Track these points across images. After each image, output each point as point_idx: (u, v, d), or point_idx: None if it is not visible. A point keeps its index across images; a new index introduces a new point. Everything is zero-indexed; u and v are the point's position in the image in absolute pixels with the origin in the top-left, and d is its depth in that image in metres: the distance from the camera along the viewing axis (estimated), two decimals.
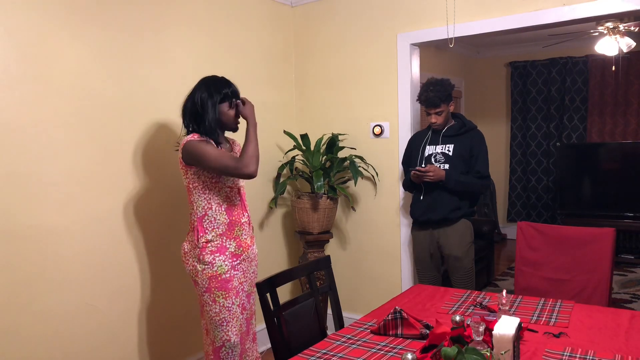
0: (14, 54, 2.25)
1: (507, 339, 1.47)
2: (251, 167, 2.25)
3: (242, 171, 2.24)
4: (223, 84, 2.39)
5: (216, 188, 2.34)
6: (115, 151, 2.66)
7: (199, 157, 2.24)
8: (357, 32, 3.52)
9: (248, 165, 2.25)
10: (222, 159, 2.24)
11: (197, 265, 2.32)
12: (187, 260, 2.36)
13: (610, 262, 2.55)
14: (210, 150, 2.24)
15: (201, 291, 2.34)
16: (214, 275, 2.30)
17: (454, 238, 2.98)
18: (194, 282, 2.36)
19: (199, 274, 2.32)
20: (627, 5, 2.60)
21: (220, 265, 2.31)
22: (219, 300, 2.31)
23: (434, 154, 3.05)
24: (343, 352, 1.78)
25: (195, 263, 2.32)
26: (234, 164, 2.23)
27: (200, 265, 2.31)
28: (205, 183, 2.32)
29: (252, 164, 2.26)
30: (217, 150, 2.27)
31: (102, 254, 2.61)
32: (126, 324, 2.73)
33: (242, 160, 2.25)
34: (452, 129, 3.05)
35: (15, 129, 2.26)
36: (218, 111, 2.34)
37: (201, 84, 2.39)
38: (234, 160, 2.25)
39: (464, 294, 2.33)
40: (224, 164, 2.23)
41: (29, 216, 2.32)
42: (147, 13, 2.78)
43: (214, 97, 2.33)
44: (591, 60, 5.92)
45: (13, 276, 2.27)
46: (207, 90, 2.34)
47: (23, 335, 2.30)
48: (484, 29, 3.02)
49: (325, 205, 3.35)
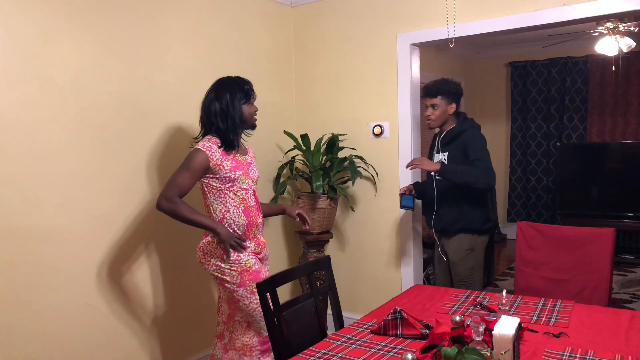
0: (14, 54, 2.25)
1: (507, 339, 1.47)
2: (162, 205, 2.33)
3: (158, 200, 2.34)
4: (242, 82, 2.47)
5: (231, 191, 2.41)
6: (115, 151, 2.66)
7: (181, 165, 2.36)
8: (357, 32, 3.52)
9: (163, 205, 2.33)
10: (173, 181, 2.34)
11: (221, 265, 2.37)
12: (208, 261, 2.40)
13: (610, 262, 2.55)
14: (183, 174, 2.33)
15: (233, 287, 2.38)
16: (245, 269, 2.38)
17: (452, 244, 3.02)
18: (221, 281, 2.40)
19: (226, 272, 2.37)
20: (627, 5, 2.60)
21: (247, 259, 2.39)
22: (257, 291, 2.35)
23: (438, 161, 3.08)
24: (343, 352, 1.78)
25: (219, 262, 2.38)
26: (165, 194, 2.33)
27: (226, 263, 2.37)
28: (219, 187, 2.40)
29: (167, 208, 2.33)
30: (185, 179, 2.33)
31: (102, 254, 2.61)
32: (126, 324, 2.73)
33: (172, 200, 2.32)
34: (447, 135, 3.01)
35: (15, 129, 2.26)
36: (242, 109, 2.43)
37: (220, 85, 2.45)
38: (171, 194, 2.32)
39: (464, 294, 2.33)
40: (167, 184, 2.35)
41: (29, 216, 2.32)
42: (147, 13, 2.78)
43: (238, 95, 2.42)
44: (591, 60, 5.92)
45: (13, 276, 2.27)
46: (229, 91, 2.41)
47: (23, 335, 2.30)
48: (484, 29, 3.01)
49: (325, 206, 3.35)
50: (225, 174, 2.39)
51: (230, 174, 2.40)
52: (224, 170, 2.38)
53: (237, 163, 2.44)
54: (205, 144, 2.37)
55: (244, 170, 2.46)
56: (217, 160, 2.37)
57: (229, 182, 2.40)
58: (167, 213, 2.34)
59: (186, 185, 2.34)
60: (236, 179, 2.42)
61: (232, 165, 2.41)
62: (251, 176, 2.51)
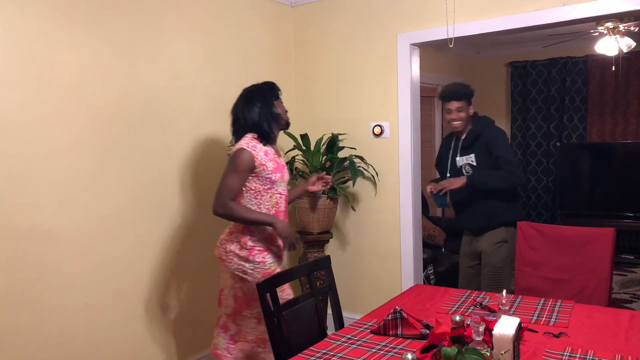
0: (14, 54, 2.25)
1: (507, 339, 1.47)
2: (219, 211, 2.37)
3: (214, 206, 2.38)
4: (268, 87, 2.52)
5: (268, 194, 2.44)
6: (115, 151, 2.66)
7: (227, 167, 2.37)
8: (357, 32, 3.52)
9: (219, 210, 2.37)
10: (224, 186, 2.35)
11: (245, 265, 2.41)
12: (232, 259, 2.43)
13: (610, 262, 2.55)
14: (233, 177, 2.35)
15: (253, 286, 2.37)
16: (267, 272, 2.41)
17: (486, 237, 3.07)
18: (242, 278, 2.44)
19: (248, 272, 2.41)
20: (627, 5, 2.60)
21: (270, 262, 2.45)
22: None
23: (463, 165, 3.12)
24: (343, 352, 1.78)
25: (243, 262, 2.41)
26: (218, 200, 2.36)
27: (250, 264, 2.41)
28: (257, 189, 2.42)
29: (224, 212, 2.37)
30: (234, 181, 2.36)
31: (102, 254, 2.61)
32: (126, 324, 2.73)
33: (226, 205, 2.35)
34: (468, 137, 3.09)
35: (15, 129, 2.26)
36: (274, 113, 2.47)
37: (249, 92, 2.51)
38: (224, 199, 2.35)
39: (464, 294, 2.33)
40: (219, 189, 2.36)
41: (29, 216, 2.32)
42: (146, 14, 2.78)
43: (267, 97, 2.47)
44: (591, 60, 5.91)
45: (13, 276, 2.27)
46: (260, 94, 2.47)
47: (23, 335, 2.30)
48: (484, 29, 3.01)
49: (325, 205, 3.35)
50: (267, 174, 2.41)
51: (272, 175, 2.42)
52: (266, 171, 2.40)
53: (277, 165, 2.47)
54: (249, 143, 2.39)
55: (282, 172, 2.50)
56: (261, 159, 2.39)
57: (268, 183, 2.43)
58: (223, 217, 2.39)
59: (236, 188, 2.38)
60: (276, 181, 2.45)
61: (274, 167, 2.44)
62: (285, 179, 2.55)
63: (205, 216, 3.16)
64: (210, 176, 3.18)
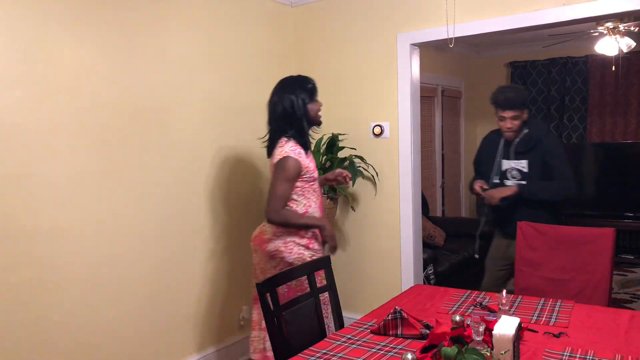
0: (14, 54, 2.25)
1: (507, 339, 1.46)
2: (274, 219, 2.49)
3: (269, 215, 2.49)
4: (304, 81, 2.60)
5: (311, 189, 2.60)
6: (115, 151, 2.65)
7: (277, 176, 2.47)
8: (357, 32, 3.52)
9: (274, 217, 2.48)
10: (277, 195, 2.46)
11: (305, 253, 2.54)
12: (292, 248, 2.54)
13: (610, 262, 2.55)
14: (284, 185, 2.47)
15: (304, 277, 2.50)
16: None
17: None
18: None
19: (307, 261, 2.49)
20: (627, 5, 2.60)
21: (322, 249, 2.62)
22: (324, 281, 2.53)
23: (509, 169, 3.04)
24: (343, 352, 1.78)
25: (303, 250, 2.54)
26: (272, 208, 2.47)
27: (310, 252, 2.56)
28: (303, 187, 2.55)
29: (279, 220, 2.49)
30: (285, 189, 2.47)
31: (102, 254, 2.61)
32: (126, 324, 2.73)
33: (280, 212, 2.47)
34: (522, 142, 2.99)
35: (15, 129, 2.26)
36: (307, 109, 2.55)
37: (283, 86, 2.58)
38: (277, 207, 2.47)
39: (464, 294, 2.33)
40: (273, 198, 2.47)
41: (29, 217, 2.32)
42: (146, 13, 2.78)
43: (301, 95, 2.54)
44: (591, 60, 5.91)
45: (13, 276, 2.27)
46: (293, 92, 2.53)
47: (23, 335, 2.30)
48: (484, 29, 3.01)
49: (325, 206, 3.35)
50: (311, 174, 2.56)
51: (314, 173, 2.59)
52: (309, 172, 2.55)
53: (313, 163, 2.63)
54: (295, 150, 2.49)
55: (317, 169, 2.66)
56: (305, 163, 2.52)
57: (312, 180, 2.58)
58: (279, 225, 2.51)
59: (288, 194, 2.50)
60: (317, 178, 2.63)
61: (313, 166, 2.60)
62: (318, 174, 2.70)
63: (206, 216, 3.16)
64: (210, 176, 3.18)
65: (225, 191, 3.28)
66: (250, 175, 3.46)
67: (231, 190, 3.32)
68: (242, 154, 3.39)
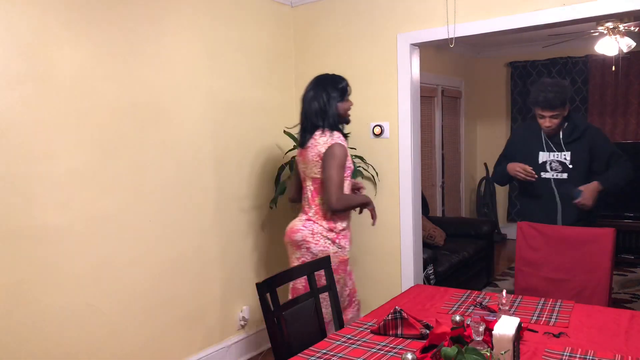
0: (14, 54, 2.25)
1: (507, 339, 1.47)
2: (339, 206, 2.56)
3: (333, 203, 2.54)
4: (337, 81, 2.70)
5: (347, 181, 2.65)
6: (115, 151, 2.66)
7: (331, 164, 2.53)
8: (357, 32, 3.52)
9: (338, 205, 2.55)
10: (336, 184, 2.52)
11: (330, 247, 2.61)
12: (318, 240, 2.60)
13: (610, 262, 2.55)
14: (339, 172, 2.54)
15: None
16: (344, 259, 2.66)
17: None
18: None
19: (331, 255, 2.55)
20: (627, 5, 2.60)
21: (348, 250, 2.69)
22: (341, 282, 2.67)
23: (548, 161, 2.97)
24: (343, 352, 1.78)
25: (329, 245, 2.61)
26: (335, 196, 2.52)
27: (334, 247, 2.62)
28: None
29: (342, 206, 2.58)
30: (340, 175, 2.54)
31: (102, 254, 2.61)
32: (126, 324, 2.73)
33: (342, 199, 2.55)
34: (567, 133, 2.94)
35: (15, 129, 2.26)
36: (337, 107, 2.66)
37: (317, 84, 2.68)
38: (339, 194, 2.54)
39: (464, 294, 2.33)
40: (332, 186, 2.52)
41: (29, 216, 2.32)
42: (147, 13, 2.78)
43: (333, 94, 2.65)
44: (591, 60, 5.92)
45: (13, 276, 2.27)
46: (326, 90, 2.65)
47: (23, 335, 2.30)
48: (484, 29, 3.01)
49: None
50: (349, 164, 2.65)
51: (351, 164, 2.69)
52: (349, 161, 2.64)
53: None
54: (341, 137, 2.63)
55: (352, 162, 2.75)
56: (347, 151, 2.64)
57: (349, 172, 2.66)
58: (342, 211, 2.62)
59: (343, 180, 2.58)
60: (352, 170, 2.71)
61: (350, 157, 2.69)
62: None
63: (206, 215, 3.16)
64: (210, 175, 3.18)
65: (225, 191, 3.28)
66: (250, 175, 3.46)
67: (231, 190, 3.32)
68: (242, 154, 3.39)
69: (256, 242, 3.53)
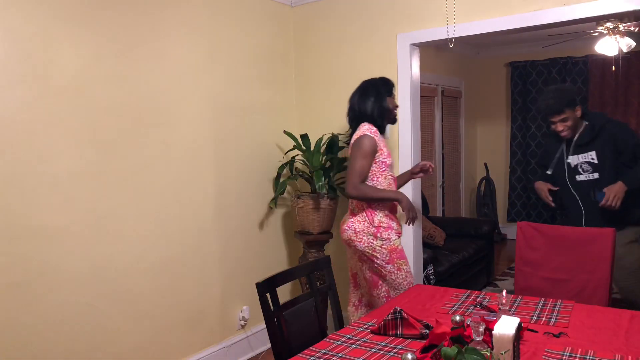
0: (14, 54, 2.25)
1: (507, 339, 1.47)
2: (353, 193, 2.66)
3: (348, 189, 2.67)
4: (383, 82, 2.80)
5: (382, 176, 2.71)
6: (115, 151, 2.66)
7: (354, 154, 2.65)
8: (357, 32, 3.52)
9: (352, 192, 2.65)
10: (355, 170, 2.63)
11: (374, 242, 2.67)
12: (361, 238, 2.68)
13: (610, 262, 2.55)
14: (361, 161, 2.63)
15: (382, 264, 2.68)
16: (393, 248, 2.69)
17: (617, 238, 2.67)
18: (370, 257, 2.68)
19: (377, 249, 2.67)
20: (627, 5, 2.60)
21: (394, 239, 2.71)
22: (403, 267, 2.71)
23: (579, 164, 2.96)
24: (343, 352, 1.78)
25: (372, 240, 2.67)
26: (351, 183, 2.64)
27: (378, 241, 2.66)
28: (374, 171, 2.69)
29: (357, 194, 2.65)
30: (363, 165, 2.64)
31: (102, 254, 2.61)
32: (126, 324, 2.73)
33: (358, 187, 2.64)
34: (583, 135, 2.93)
35: (15, 129, 2.26)
36: (385, 107, 2.74)
37: (367, 84, 2.81)
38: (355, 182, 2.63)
39: (464, 294, 2.33)
40: (351, 174, 2.64)
41: (29, 216, 2.32)
42: (146, 14, 2.78)
43: (382, 91, 2.76)
44: (591, 60, 5.92)
45: (13, 276, 2.27)
46: (375, 88, 2.76)
47: (23, 335, 2.30)
48: (484, 29, 3.01)
49: (325, 206, 3.35)
50: (384, 158, 2.70)
51: (387, 159, 2.72)
52: (383, 155, 2.69)
53: (389, 151, 2.76)
54: (371, 129, 2.68)
55: (391, 158, 2.79)
56: (380, 144, 2.68)
57: (383, 166, 2.71)
58: (357, 199, 2.69)
59: (365, 170, 2.65)
60: (389, 165, 2.74)
61: (387, 152, 2.74)
62: (393, 164, 2.85)
63: (206, 216, 3.16)
64: (211, 176, 3.18)
65: (226, 191, 3.28)
66: (250, 175, 3.46)
67: (231, 191, 3.32)
68: (242, 154, 3.39)
69: (256, 242, 3.53)
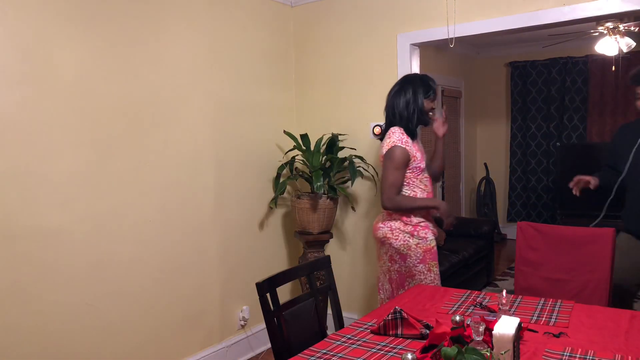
0: (14, 54, 2.25)
1: (507, 339, 1.46)
2: (388, 205, 2.66)
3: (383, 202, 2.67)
4: (425, 79, 2.74)
5: (418, 179, 2.72)
6: (115, 151, 2.66)
7: (387, 165, 2.65)
8: (357, 32, 3.52)
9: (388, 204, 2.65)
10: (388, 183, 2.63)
11: (410, 240, 2.67)
12: (397, 235, 2.68)
13: (610, 262, 2.55)
14: (394, 173, 2.63)
15: (415, 263, 2.67)
16: (428, 248, 2.69)
17: None
18: (403, 255, 2.68)
19: (412, 248, 2.66)
20: (627, 5, 2.60)
21: (431, 239, 2.71)
22: (433, 269, 2.71)
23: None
24: (343, 352, 1.78)
25: (408, 238, 2.67)
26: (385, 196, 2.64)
27: (414, 239, 2.67)
28: (409, 177, 2.69)
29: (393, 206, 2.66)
30: (396, 176, 2.64)
31: (102, 254, 2.61)
32: (126, 324, 2.73)
33: (393, 199, 2.64)
34: None
35: (15, 129, 2.26)
36: (423, 103, 2.70)
37: (406, 80, 2.76)
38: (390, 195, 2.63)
39: (464, 294, 2.33)
40: (385, 186, 2.65)
41: (29, 216, 2.32)
42: (147, 13, 2.78)
43: (420, 90, 2.70)
44: (591, 60, 5.92)
45: (13, 276, 2.27)
46: (413, 85, 2.70)
47: (23, 335, 2.30)
48: (484, 29, 3.01)
49: (325, 206, 3.35)
50: (418, 164, 2.69)
51: (421, 164, 2.71)
52: (417, 161, 2.68)
53: (422, 154, 2.75)
54: (402, 139, 2.65)
55: (425, 159, 2.78)
56: (412, 152, 2.66)
57: (419, 172, 2.71)
58: (393, 210, 2.69)
59: (399, 182, 2.65)
60: (424, 169, 2.74)
61: (421, 156, 2.72)
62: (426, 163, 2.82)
63: (206, 216, 3.16)
64: (211, 176, 3.18)
65: (226, 191, 3.28)
66: (250, 175, 3.46)
67: (231, 190, 3.32)
68: (242, 154, 3.39)
69: (256, 242, 3.53)
